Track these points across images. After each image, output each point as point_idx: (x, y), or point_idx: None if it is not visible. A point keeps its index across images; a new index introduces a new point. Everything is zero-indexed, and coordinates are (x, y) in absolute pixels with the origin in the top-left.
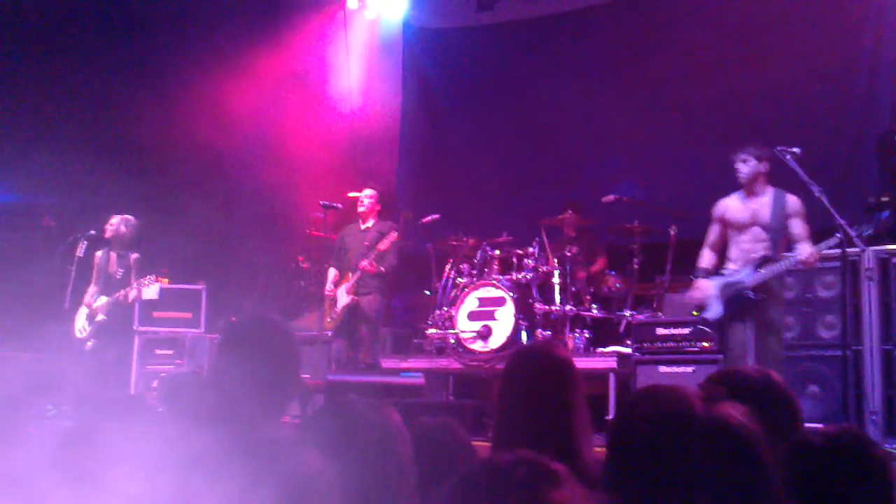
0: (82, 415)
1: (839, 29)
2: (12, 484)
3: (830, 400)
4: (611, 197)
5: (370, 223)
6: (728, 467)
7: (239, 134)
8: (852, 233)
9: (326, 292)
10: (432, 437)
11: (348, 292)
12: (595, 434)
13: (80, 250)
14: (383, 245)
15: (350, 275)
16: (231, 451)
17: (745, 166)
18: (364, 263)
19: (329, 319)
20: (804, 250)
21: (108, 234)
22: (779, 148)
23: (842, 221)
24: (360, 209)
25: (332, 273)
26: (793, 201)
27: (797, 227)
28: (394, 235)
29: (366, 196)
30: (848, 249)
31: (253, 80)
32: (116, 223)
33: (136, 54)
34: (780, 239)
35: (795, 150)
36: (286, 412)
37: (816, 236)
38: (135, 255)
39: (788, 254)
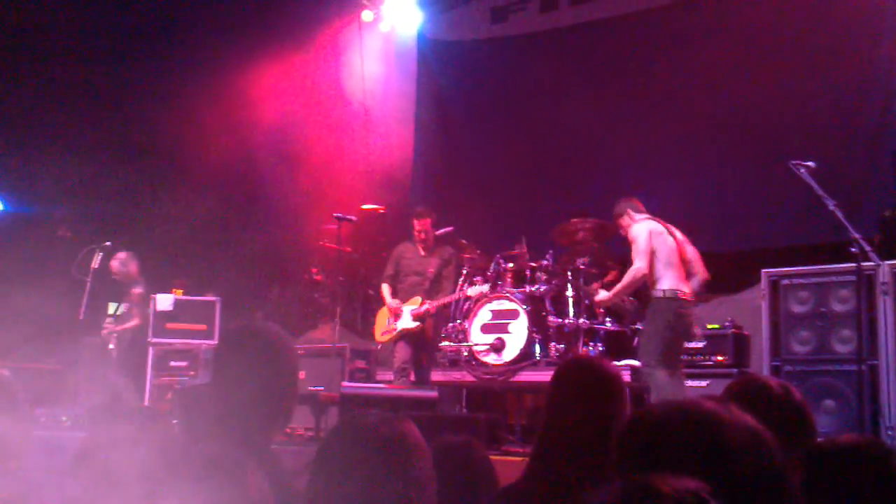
0: (96, 425)
1: (854, 42)
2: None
3: (846, 415)
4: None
5: (430, 249)
6: (745, 469)
7: (254, 145)
8: (867, 247)
9: (389, 306)
10: (453, 455)
11: (415, 318)
12: None
13: (96, 261)
14: (474, 293)
15: (420, 300)
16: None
17: (621, 230)
18: (429, 308)
19: (383, 333)
20: None
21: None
22: (793, 162)
23: (856, 235)
24: (420, 237)
25: (387, 289)
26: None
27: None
28: (486, 289)
29: (423, 225)
30: (863, 263)
31: (268, 92)
32: (115, 266)
33: (153, 65)
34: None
35: (810, 163)
36: (287, 423)
37: (832, 250)
38: (137, 291)
39: None
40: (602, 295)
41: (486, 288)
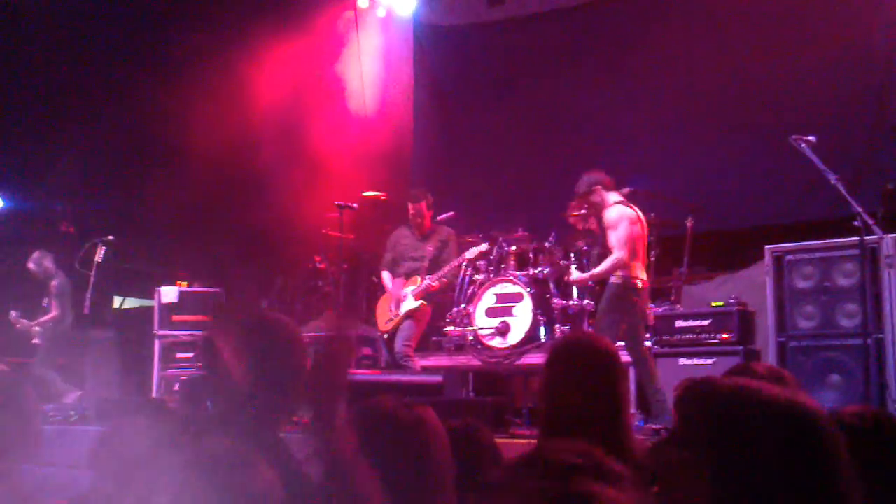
0: (105, 418)
1: (854, 16)
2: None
3: (852, 389)
4: (626, 189)
5: (427, 232)
6: (799, 453)
7: (254, 135)
8: (870, 221)
9: (391, 292)
10: (457, 438)
11: (417, 297)
12: None
13: (99, 255)
14: (472, 254)
15: (419, 279)
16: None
17: (590, 207)
18: (430, 283)
19: (386, 321)
20: None
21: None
22: (794, 137)
23: (859, 209)
24: (416, 220)
25: (387, 276)
26: (605, 217)
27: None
28: (461, 259)
29: (418, 208)
30: (866, 237)
31: (266, 82)
32: (32, 267)
33: (152, 56)
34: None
35: (811, 138)
36: (296, 412)
37: (835, 225)
38: (53, 283)
39: None
40: (576, 275)
41: (483, 247)
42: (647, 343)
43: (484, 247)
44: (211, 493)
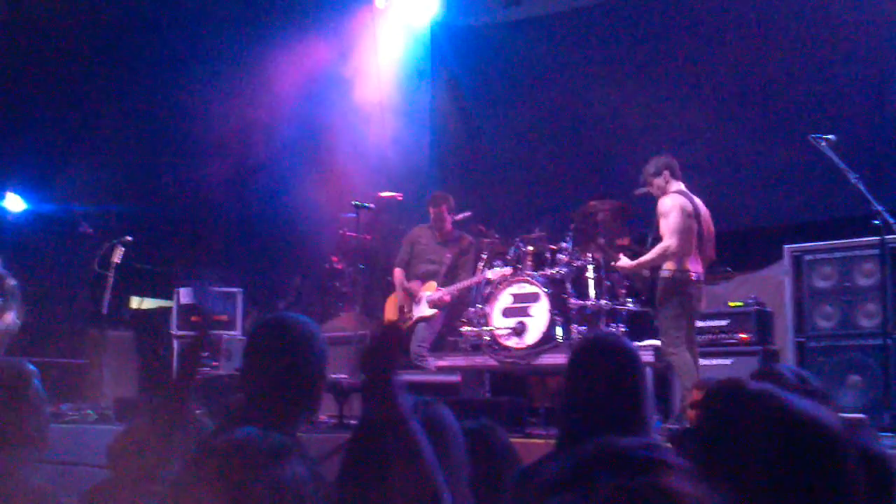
0: (123, 418)
1: (874, 12)
2: None
3: (872, 390)
4: (643, 189)
5: (447, 237)
6: (810, 463)
7: (271, 135)
8: (891, 219)
9: (406, 290)
10: (473, 439)
11: (431, 305)
12: None
13: (118, 256)
14: (494, 275)
15: (434, 284)
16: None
17: (652, 189)
18: (445, 295)
19: (401, 321)
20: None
21: None
22: (813, 135)
23: (879, 208)
24: (437, 224)
25: (400, 273)
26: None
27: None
28: (481, 277)
29: (439, 212)
30: (887, 236)
31: (283, 83)
32: None
33: (171, 60)
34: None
35: (830, 136)
36: (316, 411)
37: (855, 223)
38: (11, 283)
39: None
40: (624, 261)
41: (507, 270)
42: None
43: (508, 270)
44: (244, 479)
